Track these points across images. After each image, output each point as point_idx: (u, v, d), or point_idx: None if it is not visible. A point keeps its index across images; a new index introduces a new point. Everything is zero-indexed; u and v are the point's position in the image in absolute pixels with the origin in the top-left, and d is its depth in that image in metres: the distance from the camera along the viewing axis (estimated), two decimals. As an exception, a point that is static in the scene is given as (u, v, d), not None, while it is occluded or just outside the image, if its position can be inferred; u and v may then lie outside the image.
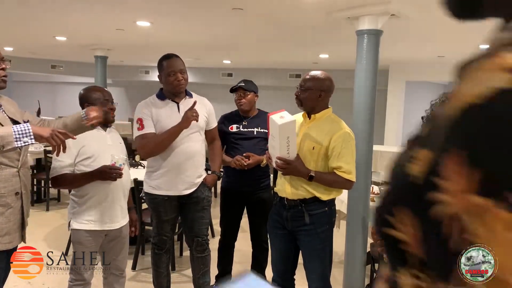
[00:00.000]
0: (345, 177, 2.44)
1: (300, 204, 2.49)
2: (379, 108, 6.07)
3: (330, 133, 2.45)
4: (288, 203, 2.53)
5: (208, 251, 3.01)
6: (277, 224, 2.63)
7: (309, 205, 2.49)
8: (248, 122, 3.27)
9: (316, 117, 2.54)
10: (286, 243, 2.62)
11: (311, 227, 2.49)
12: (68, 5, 4.38)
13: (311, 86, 2.51)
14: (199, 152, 2.88)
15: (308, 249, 2.54)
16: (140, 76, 12.01)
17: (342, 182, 2.46)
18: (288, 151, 2.37)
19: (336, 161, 2.43)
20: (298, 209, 2.50)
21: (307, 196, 2.48)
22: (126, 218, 2.68)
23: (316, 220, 2.49)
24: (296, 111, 2.67)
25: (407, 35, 5.36)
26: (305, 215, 2.47)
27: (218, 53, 8.35)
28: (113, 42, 6.80)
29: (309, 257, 2.55)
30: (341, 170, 2.43)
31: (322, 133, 2.47)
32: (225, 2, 3.98)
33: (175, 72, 2.76)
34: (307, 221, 2.48)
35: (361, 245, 3.56)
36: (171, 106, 2.83)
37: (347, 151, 2.45)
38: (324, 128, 2.49)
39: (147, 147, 2.79)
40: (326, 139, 2.44)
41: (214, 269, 3.32)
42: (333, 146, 2.43)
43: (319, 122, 2.53)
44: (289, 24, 4.87)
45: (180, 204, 2.92)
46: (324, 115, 2.54)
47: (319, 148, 2.45)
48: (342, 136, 2.45)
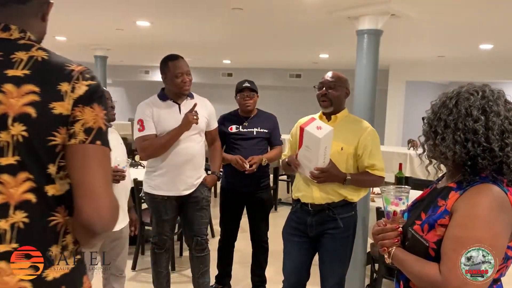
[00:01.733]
0: (379, 174, 2.40)
1: (327, 208, 2.42)
2: (379, 108, 6.08)
3: (359, 132, 2.41)
4: (314, 208, 2.44)
5: (207, 251, 3.01)
6: (296, 231, 2.53)
7: (337, 209, 2.42)
8: (249, 122, 3.27)
9: (337, 117, 2.48)
10: (302, 251, 2.52)
11: (338, 231, 2.42)
12: (68, 5, 4.38)
13: (340, 85, 2.46)
14: (199, 153, 2.89)
15: (329, 252, 2.46)
16: (140, 76, 12.02)
17: (375, 180, 2.42)
18: (324, 160, 2.31)
19: (368, 159, 2.39)
20: (325, 213, 2.42)
21: (336, 200, 2.41)
22: (127, 219, 2.68)
23: (344, 224, 2.43)
24: (298, 112, 2.65)
25: (407, 35, 5.36)
26: (337, 220, 2.40)
27: (218, 53, 8.35)
28: (113, 42, 6.80)
29: (330, 260, 2.46)
30: (374, 168, 2.39)
31: (349, 133, 2.42)
32: (225, 2, 3.98)
33: (182, 74, 2.76)
34: (340, 224, 2.41)
35: (361, 245, 3.55)
36: (172, 107, 2.83)
37: (377, 149, 2.43)
38: (350, 128, 2.45)
39: (148, 149, 2.80)
40: (355, 139, 2.40)
41: (214, 269, 3.32)
42: (364, 145, 2.38)
43: (342, 122, 2.47)
44: (289, 24, 4.87)
45: (180, 204, 2.93)
46: (343, 115, 2.50)
47: (348, 148, 2.39)
48: (371, 134, 2.43)
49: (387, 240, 1.32)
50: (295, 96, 11.32)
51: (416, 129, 5.49)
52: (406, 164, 6.28)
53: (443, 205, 1.22)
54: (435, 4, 3.79)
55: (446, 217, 1.19)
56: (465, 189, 1.20)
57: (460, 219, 1.16)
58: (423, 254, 1.23)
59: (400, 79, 8.65)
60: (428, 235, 1.22)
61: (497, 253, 1.13)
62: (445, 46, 6.31)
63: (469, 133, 1.19)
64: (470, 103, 1.21)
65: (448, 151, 1.22)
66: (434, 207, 1.25)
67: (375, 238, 1.37)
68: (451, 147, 1.22)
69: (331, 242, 2.45)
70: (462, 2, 3.75)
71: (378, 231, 1.35)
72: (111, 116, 2.57)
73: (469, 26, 4.83)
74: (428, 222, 1.23)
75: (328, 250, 2.46)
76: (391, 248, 1.31)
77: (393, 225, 1.33)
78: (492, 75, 7.33)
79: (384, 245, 1.33)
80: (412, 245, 1.27)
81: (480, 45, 5.97)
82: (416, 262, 1.23)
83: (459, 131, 1.21)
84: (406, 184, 3.85)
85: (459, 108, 1.22)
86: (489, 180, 1.19)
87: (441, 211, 1.21)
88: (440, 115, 1.26)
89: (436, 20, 4.48)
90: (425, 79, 9.07)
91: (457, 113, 1.22)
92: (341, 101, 2.48)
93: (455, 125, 1.22)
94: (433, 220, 1.22)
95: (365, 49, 3.57)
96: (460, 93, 1.25)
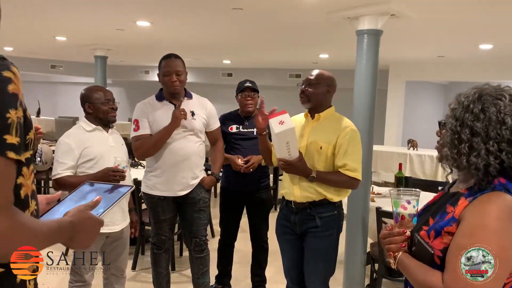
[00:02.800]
0: (350, 175, 2.36)
1: (308, 207, 2.43)
2: (379, 108, 6.07)
3: (337, 131, 2.40)
4: (296, 206, 2.46)
5: (207, 252, 3.01)
6: (286, 229, 2.55)
7: (318, 208, 2.42)
8: (249, 122, 3.27)
9: (320, 116, 2.48)
10: (296, 248, 2.54)
11: (319, 229, 2.42)
12: (68, 5, 4.38)
13: (319, 81, 2.46)
14: (195, 153, 2.88)
15: (313, 251, 2.46)
16: (140, 76, 12.01)
17: (346, 181, 2.39)
18: (289, 153, 2.32)
19: (341, 159, 2.37)
20: (307, 212, 2.43)
21: (317, 198, 2.41)
22: (127, 220, 2.68)
23: (325, 223, 2.43)
24: (298, 112, 2.65)
25: (407, 35, 5.35)
26: (316, 218, 2.40)
27: (218, 53, 8.35)
28: (113, 42, 6.79)
29: (313, 258, 2.48)
30: (345, 168, 2.36)
31: (328, 132, 2.42)
32: (225, 2, 3.98)
33: (170, 73, 2.77)
34: (318, 223, 2.41)
35: (361, 245, 3.56)
36: (168, 107, 2.83)
37: (353, 149, 2.39)
38: (331, 127, 2.44)
39: (140, 149, 2.83)
40: (334, 138, 2.39)
41: (213, 269, 3.32)
42: (340, 144, 2.37)
43: (325, 121, 2.48)
44: (289, 24, 4.87)
45: (178, 205, 2.93)
46: (328, 114, 2.50)
47: (327, 147, 2.39)
48: (349, 133, 2.40)
49: (394, 245, 1.28)
50: (295, 96, 11.23)
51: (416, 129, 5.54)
52: (406, 164, 6.29)
53: (451, 212, 1.18)
54: (435, 4, 3.79)
55: (454, 224, 1.15)
56: (475, 196, 1.15)
57: (466, 228, 1.11)
58: (428, 262, 1.19)
59: (400, 79, 8.65)
60: (434, 242, 1.18)
61: (505, 265, 1.08)
62: (445, 46, 6.31)
63: (503, 143, 1.13)
64: (499, 109, 1.14)
65: (481, 162, 1.14)
66: (442, 213, 1.21)
67: (382, 242, 1.33)
68: (484, 158, 1.13)
69: (313, 241, 2.45)
70: (462, 2, 3.75)
71: (385, 235, 1.31)
72: (111, 117, 2.57)
73: (469, 26, 4.83)
74: (434, 229, 1.19)
75: (311, 249, 2.47)
76: (397, 253, 1.27)
77: (400, 229, 1.29)
78: (492, 75, 7.32)
79: (390, 250, 1.29)
80: (418, 252, 1.22)
81: (480, 45, 5.97)
82: (419, 269, 1.19)
83: (491, 140, 1.13)
84: (406, 184, 3.85)
85: (488, 115, 1.14)
86: (502, 188, 1.13)
87: (449, 218, 1.17)
88: (464, 121, 1.18)
89: (436, 20, 4.48)
90: (425, 79, 9.07)
91: (487, 120, 1.14)
92: (320, 98, 2.47)
93: (486, 133, 1.14)
94: (440, 227, 1.18)
95: (365, 49, 3.57)
96: (483, 96, 1.17)
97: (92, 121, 2.56)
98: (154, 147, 2.79)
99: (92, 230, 1.08)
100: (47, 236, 0.97)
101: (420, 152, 6.48)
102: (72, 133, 2.54)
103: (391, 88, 8.76)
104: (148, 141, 2.79)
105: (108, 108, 2.54)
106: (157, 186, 2.86)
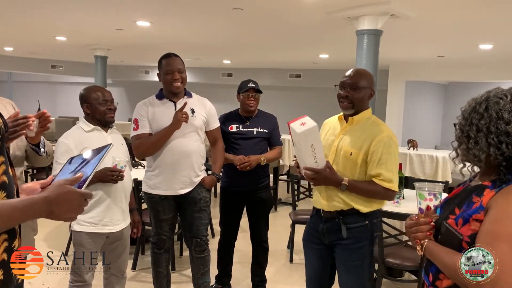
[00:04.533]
0: (385, 185, 2.15)
1: (337, 217, 2.25)
2: (379, 108, 6.07)
3: (370, 137, 2.18)
4: (325, 215, 2.29)
5: (207, 252, 3.01)
6: (313, 238, 2.39)
7: (347, 218, 2.23)
8: (249, 122, 3.27)
9: (354, 119, 2.25)
10: (322, 259, 2.38)
11: (349, 241, 2.24)
12: (68, 5, 4.38)
13: (365, 85, 2.22)
14: (195, 152, 2.88)
15: (344, 264, 2.31)
16: (140, 76, 12.02)
17: (380, 192, 2.18)
18: (316, 160, 2.12)
19: (375, 168, 2.16)
20: (335, 221, 2.26)
21: (345, 208, 2.23)
22: (128, 220, 2.67)
23: (355, 234, 2.25)
24: (298, 112, 2.61)
25: (407, 35, 5.36)
26: (342, 229, 2.23)
27: (218, 53, 8.36)
28: (113, 42, 6.80)
29: (345, 272, 2.32)
30: (380, 178, 2.15)
31: (361, 137, 2.20)
32: (225, 2, 3.98)
33: (172, 71, 2.77)
34: (344, 235, 2.23)
35: (361, 245, 3.55)
36: (168, 106, 2.84)
37: (388, 157, 2.16)
38: (364, 132, 2.21)
39: (140, 148, 2.84)
40: (366, 144, 2.17)
41: (214, 269, 3.32)
42: (372, 151, 2.16)
43: (358, 125, 2.25)
44: (289, 24, 4.88)
45: (178, 204, 2.93)
46: (363, 117, 2.26)
47: (357, 154, 2.18)
48: (383, 140, 2.17)
49: (420, 233, 1.38)
50: (295, 96, 11.33)
51: (415, 129, 5.54)
52: (406, 164, 6.28)
53: (478, 201, 1.28)
54: (435, 4, 3.79)
55: (482, 212, 1.24)
56: (500, 187, 1.25)
57: (495, 215, 1.21)
58: (456, 247, 1.27)
59: (400, 79, 8.66)
60: (462, 229, 1.27)
61: None
62: (445, 46, 6.31)
63: (502, 136, 1.26)
64: (500, 106, 1.27)
65: (482, 154, 1.29)
66: (469, 203, 1.31)
67: (408, 231, 1.43)
68: (484, 150, 1.28)
69: (343, 253, 2.30)
70: (462, 2, 3.75)
71: (411, 224, 1.41)
72: (108, 118, 2.56)
73: (469, 26, 4.83)
74: (462, 217, 1.28)
75: (342, 262, 2.32)
76: (423, 240, 1.36)
77: (426, 219, 1.40)
78: (491, 75, 7.33)
79: (417, 238, 1.38)
80: (446, 239, 1.32)
81: (480, 45, 5.97)
82: (449, 254, 1.28)
83: (492, 134, 1.27)
84: (406, 184, 3.85)
85: (489, 112, 1.28)
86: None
87: (477, 207, 1.26)
88: (471, 120, 1.32)
89: (436, 20, 4.48)
90: (425, 79, 9.08)
91: (488, 117, 1.28)
92: (365, 104, 2.26)
93: (487, 129, 1.28)
94: (468, 215, 1.27)
95: (365, 49, 3.57)
96: (489, 98, 1.31)
97: (91, 121, 2.56)
98: (154, 147, 2.80)
99: (73, 203, 1.11)
100: (10, 215, 1.03)
101: (420, 152, 6.48)
102: (71, 134, 2.54)
103: (391, 88, 8.77)
104: (148, 140, 2.80)
105: (105, 108, 2.54)
106: (158, 186, 2.86)
